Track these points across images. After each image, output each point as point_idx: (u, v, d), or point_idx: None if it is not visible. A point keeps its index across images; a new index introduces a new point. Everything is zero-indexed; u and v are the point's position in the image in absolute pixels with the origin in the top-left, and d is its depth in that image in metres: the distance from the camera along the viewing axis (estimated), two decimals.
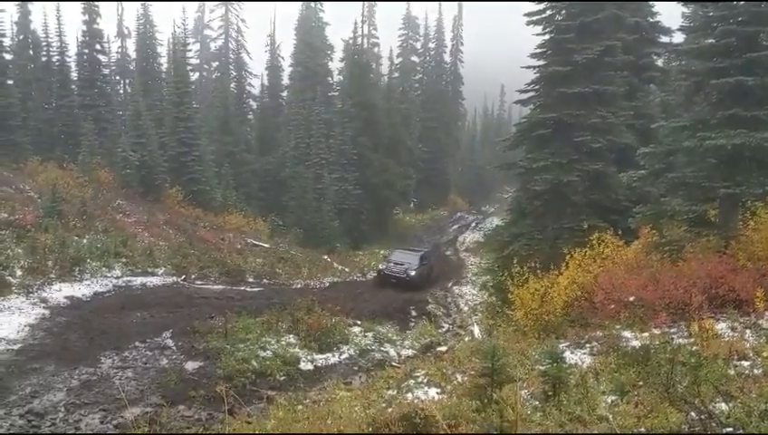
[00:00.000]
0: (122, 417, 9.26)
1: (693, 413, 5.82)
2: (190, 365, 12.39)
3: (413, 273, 26.87)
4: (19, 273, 16.85)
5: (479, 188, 73.73)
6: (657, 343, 8.59)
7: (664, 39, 27.34)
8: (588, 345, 10.21)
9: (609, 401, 6.28)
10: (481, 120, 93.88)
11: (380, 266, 28.72)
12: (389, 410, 7.23)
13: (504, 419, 5.42)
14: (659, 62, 27.89)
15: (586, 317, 11.99)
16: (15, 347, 12.17)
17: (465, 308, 25.86)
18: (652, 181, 17.63)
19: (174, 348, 13.41)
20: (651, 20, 27.07)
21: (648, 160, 17.38)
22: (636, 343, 9.06)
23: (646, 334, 9.72)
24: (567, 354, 9.79)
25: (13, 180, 26.44)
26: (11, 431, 8.44)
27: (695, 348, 8.43)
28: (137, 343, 13.38)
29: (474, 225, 55.75)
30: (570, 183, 21.07)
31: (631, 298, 11.24)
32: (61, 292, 16.87)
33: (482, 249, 38.79)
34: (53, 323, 14.27)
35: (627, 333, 10.03)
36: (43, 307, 15.33)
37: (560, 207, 21.75)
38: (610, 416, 5.69)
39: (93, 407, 9.66)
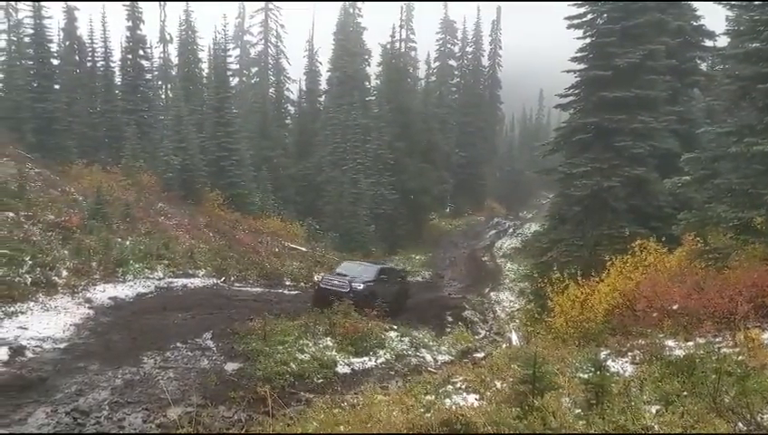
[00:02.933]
0: (165, 416, 9.39)
1: (741, 424, 5.71)
2: (230, 366, 12.52)
3: (360, 286, 20.21)
4: (65, 273, 17.24)
5: (517, 193, 73.12)
6: (702, 352, 8.43)
7: (708, 43, 26.84)
8: (629, 354, 10.04)
9: (654, 410, 6.18)
10: (519, 124, 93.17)
11: (316, 278, 21.90)
12: (428, 415, 7.21)
13: (546, 426, 5.38)
14: (703, 67, 27.36)
15: (627, 325, 11.78)
16: (61, 346, 12.46)
17: (503, 315, 25.68)
18: (696, 188, 17.30)
19: (214, 349, 13.58)
20: (695, 23, 26.57)
21: (693, 166, 17.07)
22: (680, 353, 8.89)
23: (690, 343, 9.53)
24: (608, 363, 9.65)
25: (59, 183, 27.07)
26: (58, 429, 8.63)
27: (741, 358, 8.24)
28: (178, 344, 13.57)
29: (511, 231, 55.30)
30: (610, 189, 20.80)
31: (675, 307, 11.02)
32: (105, 292, 17.23)
33: (519, 255, 38.57)
34: (98, 322, 14.59)
35: (670, 342, 9.84)
36: (88, 307, 15.68)
37: (600, 214, 21.47)
38: (656, 426, 5.60)
39: (136, 406, 9.82)
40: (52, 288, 15.93)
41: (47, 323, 13.59)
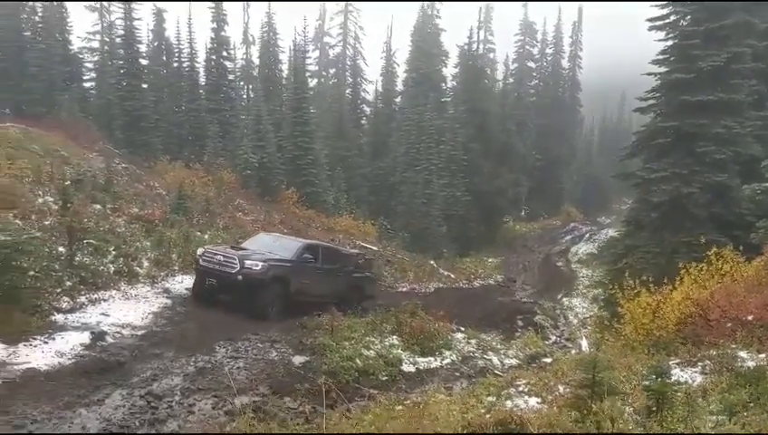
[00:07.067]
0: (232, 404, 9.73)
1: None
2: (297, 359, 12.83)
3: (256, 266, 14.97)
4: (146, 264, 18.02)
5: (595, 198, 71.44)
6: None
7: None
8: (700, 364, 9.75)
9: (716, 419, 6.04)
10: (599, 128, 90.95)
11: (198, 253, 16.44)
12: (488, 416, 7.24)
13: (600, 430, 5.34)
14: None
15: (700, 335, 11.43)
16: (139, 333, 13.06)
17: (575, 321, 25.20)
18: None
19: (283, 342, 13.94)
20: None
21: None
22: (751, 364, 8.61)
23: (762, 356, 9.19)
24: (677, 372, 9.42)
25: (144, 178, 28.33)
26: (132, 411, 9.08)
27: None
28: (249, 336, 14.01)
29: (588, 236, 54.08)
30: (690, 195, 20.14)
31: (750, 317, 10.63)
32: (182, 283, 17.87)
33: (595, 261, 37.73)
34: (174, 312, 15.18)
35: (743, 354, 9.50)
36: (166, 297, 16.33)
37: (679, 220, 20.79)
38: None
39: (207, 393, 10.20)
40: (133, 278, 16.68)
41: (127, 311, 14.25)
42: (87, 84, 43.10)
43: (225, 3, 44.04)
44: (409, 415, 7.07)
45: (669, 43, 21.71)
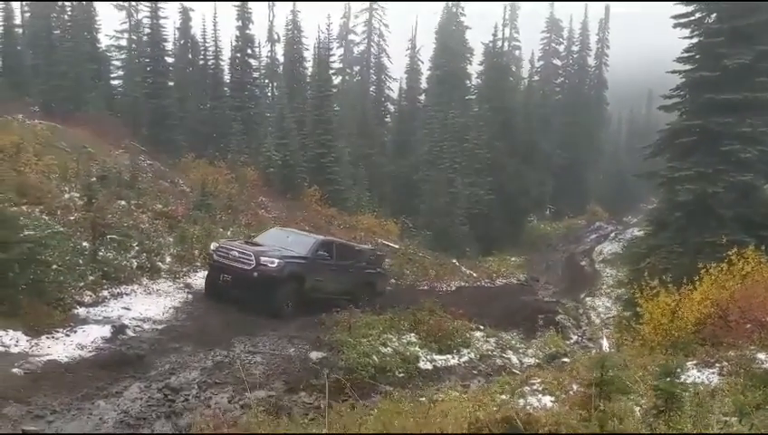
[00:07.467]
0: (248, 398, 9.84)
1: None
2: (314, 355, 12.93)
3: (273, 263, 14.82)
4: (168, 259, 18.25)
5: (621, 197, 70.49)
6: None
7: None
8: (717, 365, 9.67)
9: (725, 420, 5.99)
10: (626, 126, 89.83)
11: (212, 247, 16.40)
12: (498, 415, 7.24)
13: (603, 428, 5.33)
14: None
15: (718, 336, 11.32)
16: (160, 327, 13.26)
17: (597, 321, 24.99)
18: None
19: (301, 338, 14.06)
20: None
21: None
22: None
23: None
24: (694, 373, 9.36)
25: (168, 175, 28.67)
26: (149, 403, 9.22)
27: None
28: (268, 331, 14.15)
29: (613, 235, 53.50)
30: (715, 195, 19.86)
31: None
32: (204, 279, 18.07)
33: (619, 261, 37.35)
34: (195, 307, 15.36)
35: (761, 355, 9.41)
36: (187, 292, 16.53)
37: (703, 220, 20.50)
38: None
39: (223, 386, 10.34)
40: (155, 273, 16.91)
41: (148, 305, 14.47)
42: (114, 82, 43.72)
43: (250, 1, 44.44)
44: (417, 411, 7.09)
45: (694, 40, 21.45)
